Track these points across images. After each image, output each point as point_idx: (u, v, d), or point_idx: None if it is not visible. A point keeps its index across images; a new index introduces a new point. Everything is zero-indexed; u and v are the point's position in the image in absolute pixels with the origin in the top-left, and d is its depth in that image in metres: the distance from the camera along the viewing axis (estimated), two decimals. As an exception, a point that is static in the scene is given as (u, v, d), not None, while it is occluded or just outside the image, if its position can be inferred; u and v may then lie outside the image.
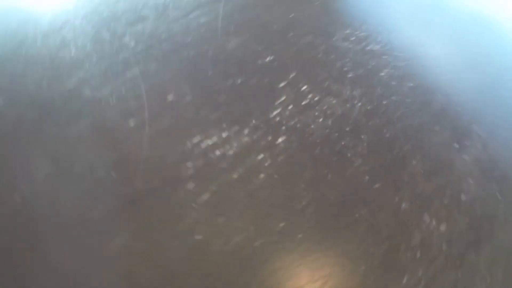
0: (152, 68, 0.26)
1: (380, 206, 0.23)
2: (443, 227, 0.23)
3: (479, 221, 0.23)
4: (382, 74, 0.29)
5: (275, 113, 0.25)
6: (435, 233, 0.23)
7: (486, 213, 0.24)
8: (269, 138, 0.24)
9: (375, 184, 0.24)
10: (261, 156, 0.23)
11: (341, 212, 0.23)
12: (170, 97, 0.25)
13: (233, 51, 0.28)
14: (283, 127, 0.25)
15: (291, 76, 0.27)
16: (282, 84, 0.27)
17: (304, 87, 0.27)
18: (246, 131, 0.24)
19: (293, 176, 0.23)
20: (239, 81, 0.26)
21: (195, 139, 0.23)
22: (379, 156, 0.25)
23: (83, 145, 0.23)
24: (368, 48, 0.31)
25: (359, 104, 0.27)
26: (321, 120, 0.25)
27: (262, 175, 0.23)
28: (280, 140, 0.24)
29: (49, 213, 0.22)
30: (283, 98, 0.26)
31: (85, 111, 0.24)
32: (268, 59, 0.28)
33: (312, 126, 0.25)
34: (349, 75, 0.28)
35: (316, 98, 0.26)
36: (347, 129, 0.26)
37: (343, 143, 0.25)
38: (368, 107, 0.27)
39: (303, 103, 0.26)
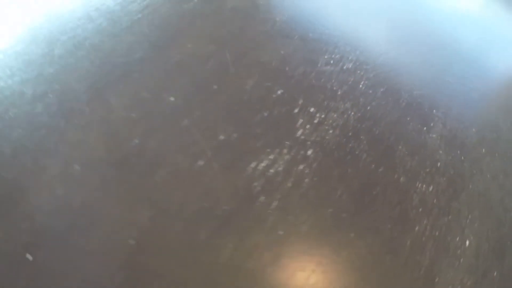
0: (199, 116, 0.34)
1: (386, 184, 0.33)
2: (430, 188, 0.34)
3: (454, 178, 0.34)
4: (361, 86, 0.39)
5: (299, 133, 0.34)
6: (426, 193, 0.33)
7: (457, 172, 0.35)
8: (301, 152, 0.33)
9: (379, 168, 0.34)
10: (301, 166, 0.32)
11: (364, 193, 0.32)
12: (221, 137, 0.33)
13: (252, 91, 0.37)
14: (308, 142, 0.34)
15: (300, 102, 0.36)
16: (296, 110, 0.36)
17: (312, 109, 0.36)
18: (285, 150, 0.33)
19: (326, 176, 0.32)
20: (265, 114, 0.35)
21: (252, 165, 0.31)
22: (376, 148, 0.35)
23: (169, 190, 0.30)
24: (345, 67, 0.41)
25: (352, 113, 0.37)
26: (331, 131, 0.35)
27: (306, 180, 0.31)
28: (309, 152, 0.33)
29: (160, 250, 0.29)
30: (300, 121, 0.35)
31: (159, 161, 0.31)
32: (279, 92, 0.37)
33: (327, 138, 0.34)
34: (339, 93, 0.38)
35: (322, 116, 0.36)
36: (350, 134, 0.35)
37: (350, 145, 0.35)
38: (358, 114, 0.37)
39: (315, 121, 0.35)
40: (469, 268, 0.32)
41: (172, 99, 0.35)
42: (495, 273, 0.33)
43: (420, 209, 0.32)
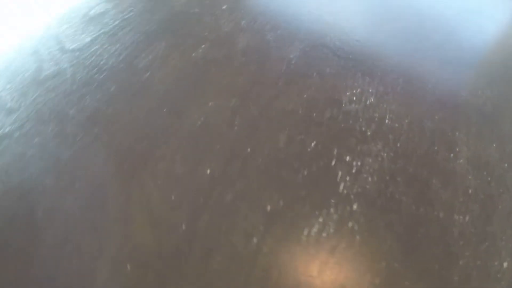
0: (241, 188, 0.34)
1: (428, 223, 0.35)
2: (467, 218, 0.36)
3: (485, 202, 0.36)
4: (387, 121, 0.40)
5: (341, 188, 0.35)
6: (464, 224, 0.35)
7: (486, 194, 0.37)
8: (348, 208, 0.34)
9: (420, 209, 0.35)
10: (350, 224, 0.33)
11: (410, 237, 0.34)
12: (269, 207, 0.33)
13: (286, 148, 0.36)
14: (352, 196, 0.34)
15: (335, 152, 0.37)
16: (333, 163, 0.36)
17: (348, 158, 0.36)
18: (332, 210, 0.33)
19: (374, 228, 0.33)
20: (305, 172, 0.35)
21: (305, 232, 0.32)
22: (413, 188, 0.36)
23: (229, 276, 0.31)
24: (368, 102, 0.41)
25: (385, 154, 0.38)
26: (370, 179, 0.36)
27: (357, 237, 0.33)
28: (354, 206, 0.34)
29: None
30: (340, 174, 0.35)
31: (212, 245, 0.32)
32: (313, 144, 0.37)
33: (367, 187, 0.35)
34: (368, 133, 0.38)
35: (359, 163, 0.36)
36: (387, 178, 0.36)
37: (390, 190, 0.36)
38: (391, 154, 0.38)
39: (353, 171, 0.36)
40: (510, 289, 0.35)
41: (208, 171, 0.34)
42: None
43: (461, 242, 0.34)
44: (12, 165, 0.34)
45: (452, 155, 0.39)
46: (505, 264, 0.35)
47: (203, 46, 0.43)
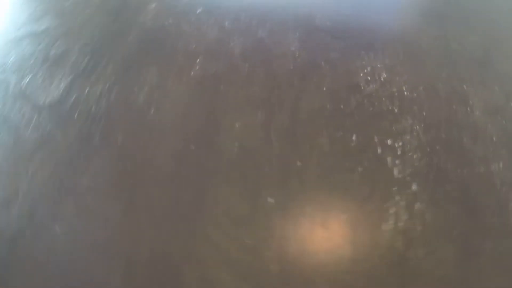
0: (311, 208, 0.32)
1: (478, 182, 0.37)
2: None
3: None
4: (406, 93, 0.40)
5: (395, 173, 0.35)
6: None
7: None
8: (409, 191, 0.34)
9: (464, 170, 0.37)
10: (416, 205, 0.33)
11: (468, 200, 0.35)
12: (344, 216, 0.32)
13: (332, 150, 0.35)
14: (408, 178, 0.35)
15: (376, 139, 0.36)
16: (379, 150, 0.36)
17: (389, 142, 0.36)
18: (397, 197, 0.33)
19: (438, 202, 0.34)
20: (359, 169, 0.34)
21: (384, 227, 0.32)
22: (451, 151, 0.38)
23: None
24: (382, 79, 0.40)
25: (417, 127, 0.38)
26: (415, 156, 0.36)
27: (427, 216, 0.33)
28: (414, 187, 0.34)
29: None
30: (389, 160, 0.35)
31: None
32: (354, 138, 0.36)
33: (416, 164, 0.36)
34: (396, 111, 0.38)
35: (400, 144, 0.36)
36: (428, 149, 0.37)
37: (435, 161, 0.36)
38: (422, 125, 0.38)
39: (399, 153, 0.36)
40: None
41: (271, 200, 0.32)
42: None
43: (504, 189, 0.37)
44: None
45: (468, 109, 0.41)
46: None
47: (198, 61, 0.39)
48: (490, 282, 0.31)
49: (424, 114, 0.39)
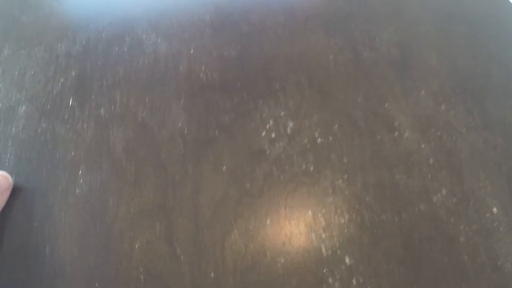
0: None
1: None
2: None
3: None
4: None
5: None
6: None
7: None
8: (342, 265, 0.31)
9: (402, 215, 0.33)
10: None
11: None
12: None
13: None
14: (339, 252, 0.31)
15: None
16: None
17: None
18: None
19: (377, 261, 0.31)
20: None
21: None
22: (386, 198, 0.34)
23: None
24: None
25: (342, 179, 0.34)
26: (343, 220, 0.32)
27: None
28: (346, 260, 0.31)
29: None
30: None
31: None
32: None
33: (346, 231, 0.32)
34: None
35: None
36: (360, 201, 0.33)
37: (367, 215, 0.33)
38: (345, 176, 0.34)
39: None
40: None
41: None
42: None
43: (452, 219, 0.33)
44: None
45: (396, 134, 0.37)
46: (494, 210, 0.35)
47: (80, 173, 0.34)
48: None
49: (345, 160, 0.35)
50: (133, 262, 0.31)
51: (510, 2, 0.51)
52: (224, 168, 0.34)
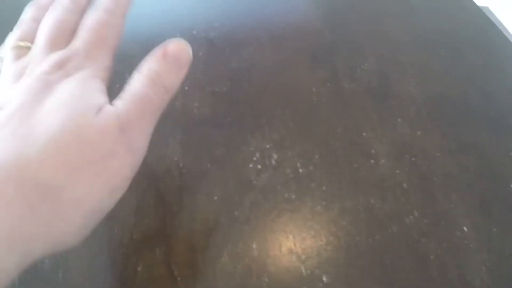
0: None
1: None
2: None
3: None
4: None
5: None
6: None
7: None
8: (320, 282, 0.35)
9: (375, 237, 0.38)
10: None
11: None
12: None
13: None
14: (318, 272, 0.36)
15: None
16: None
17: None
18: None
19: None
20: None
21: None
22: (365, 224, 0.38)
23: None
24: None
25: (319, 204, 0.39)
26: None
27: None
28: (324, 278, 0.35)
29: None
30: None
31: None
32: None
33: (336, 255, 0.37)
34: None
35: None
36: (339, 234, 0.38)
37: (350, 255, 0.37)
38: (324, 203, 0.39)
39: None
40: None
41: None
42: None
43: (423, 240, 0.38)
44: None
45: (372, 161, 0.41)
46: (465, 228, 0.39)
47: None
48: None
49: (324, 188, 0.40)
50: (136, 283, 0.37)
51: (489, 25, 0.54)
52: (215, 198, 0.39)
